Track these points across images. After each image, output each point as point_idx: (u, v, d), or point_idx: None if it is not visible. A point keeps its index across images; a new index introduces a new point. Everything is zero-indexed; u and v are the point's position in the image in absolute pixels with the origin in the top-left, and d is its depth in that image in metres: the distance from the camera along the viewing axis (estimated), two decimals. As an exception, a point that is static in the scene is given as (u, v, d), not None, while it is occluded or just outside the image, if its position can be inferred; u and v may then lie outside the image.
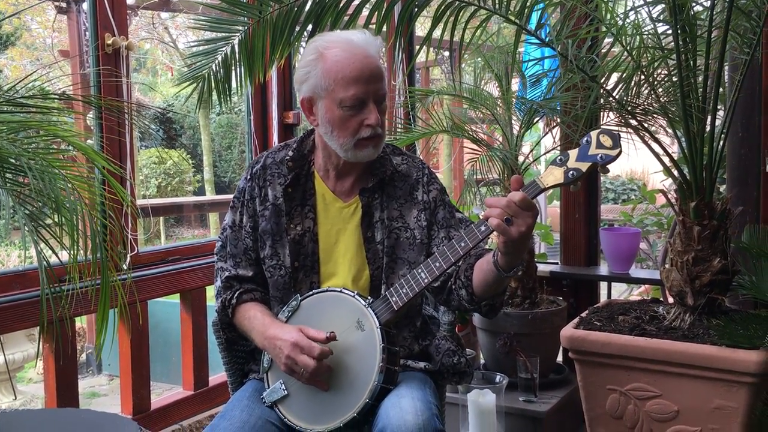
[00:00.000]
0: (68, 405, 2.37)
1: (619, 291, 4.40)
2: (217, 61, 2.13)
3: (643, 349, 1.91)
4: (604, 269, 3.04)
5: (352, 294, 1.71)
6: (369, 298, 1.71)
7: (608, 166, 1.56)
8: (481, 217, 1.59)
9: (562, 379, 2.76)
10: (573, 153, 1.57)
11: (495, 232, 1.56)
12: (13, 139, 1.60)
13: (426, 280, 1.66)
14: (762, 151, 2.41)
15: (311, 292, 1.77)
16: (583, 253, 3.08)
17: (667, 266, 2.07)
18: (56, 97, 1.75)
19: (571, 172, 1.56)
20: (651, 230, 4.06)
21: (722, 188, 2.69)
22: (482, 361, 2.88)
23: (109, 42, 2.48)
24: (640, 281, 3.11)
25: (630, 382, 1.95)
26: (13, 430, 1.41)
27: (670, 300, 2.14)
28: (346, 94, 1.67)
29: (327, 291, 1.75)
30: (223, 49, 2.13)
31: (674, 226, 2.14)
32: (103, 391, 4.79)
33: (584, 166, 1.55)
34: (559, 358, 2.90)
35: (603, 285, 3.17)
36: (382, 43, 1.75)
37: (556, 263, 3.16)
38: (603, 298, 3.13)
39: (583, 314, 2.17)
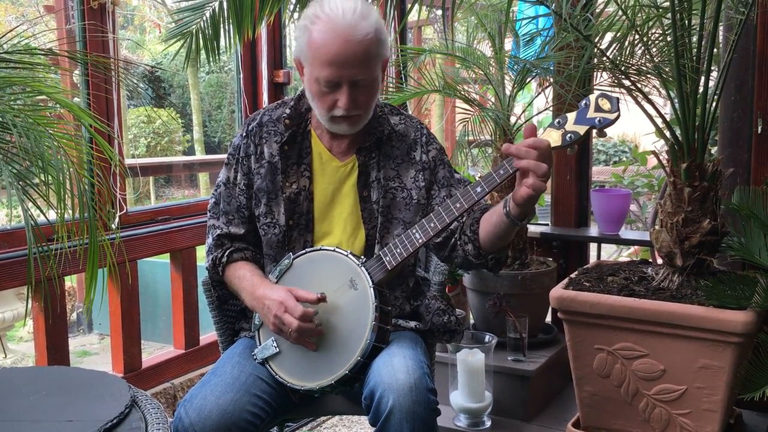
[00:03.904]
0: (59, 363, 2.38)
1: (609, 252, 4.42)
2: (205, 17, 2.09)
3: (631, 309, 1.92)
4: (594, 230, 3.05)
5: (346, 253, 1.70)
6: (362, 257, 1.71)
7: (605, 130, 1.56)
8: (508, 166, 1.56)
9: (550, 338, 2.78)
10: (571, 116, 1.57)
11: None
12: (-2, 96, 1.57)
13: (420, 241, 1.66)
14: (754, 112, 2.40)
15: (304, 251, 1.76)
16: (573, 215, 3.08)
17: (656, 227, 2.07)
18: (41, 53, 1.71)
19: (569, 135, 1.56)
20: (642, 192, 4.07)
21: (714, 150, 2.68)
22: (472, 321, 2.90)
23: (95, -3, 2.43)
24: (629, 242, 3.12)
25: (618, 342, 1.97)
26: (0, 387, 1.42)
27: (660, 261, 2.15)
28: (321, 73, 1.65)
29: (320, 250, 1.75)
30: (212, 4, 2.09)
31: (665, 188, 2.14)
32: (94, 350, 4.81)
33: (582, 129, 1.55)
34: (548, 319, 2.92)
35: (593, 246, 3.18)
36: (377, 19, 1.66)
37: (547, 224, 3.16)
38: (593, 259, 3.15)
39: (573, 275, 2.18)
